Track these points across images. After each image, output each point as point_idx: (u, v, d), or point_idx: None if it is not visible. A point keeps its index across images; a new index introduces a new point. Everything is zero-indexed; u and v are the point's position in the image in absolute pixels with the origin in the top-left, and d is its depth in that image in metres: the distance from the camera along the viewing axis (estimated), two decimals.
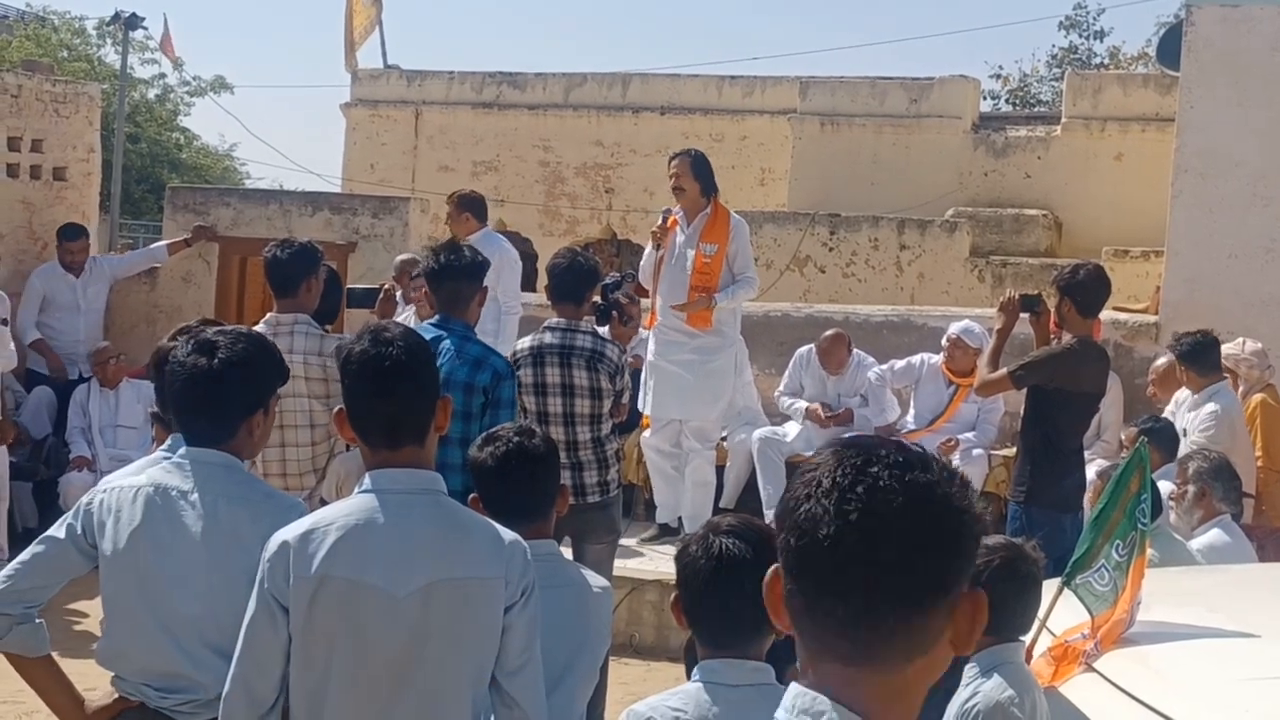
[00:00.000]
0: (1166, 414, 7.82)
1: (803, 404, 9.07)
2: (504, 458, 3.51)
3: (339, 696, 2.81)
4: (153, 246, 11.31)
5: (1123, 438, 7.40)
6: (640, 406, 8.25)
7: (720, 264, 7.94)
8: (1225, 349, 8.01)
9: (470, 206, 9.09)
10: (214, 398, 3.26)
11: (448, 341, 5.13)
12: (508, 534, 2.92)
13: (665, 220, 8.08)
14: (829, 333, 9.14)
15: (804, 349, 9.26)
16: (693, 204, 7.99)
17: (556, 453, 3.71)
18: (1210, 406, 7.32)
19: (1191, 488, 6.03)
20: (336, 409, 3.00)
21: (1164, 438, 6.95)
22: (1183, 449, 7.00)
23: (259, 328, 5.52)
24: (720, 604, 2.73)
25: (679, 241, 8.02)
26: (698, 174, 7.95)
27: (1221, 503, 6.07)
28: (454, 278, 5.32)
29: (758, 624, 2.74)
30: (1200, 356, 7.43)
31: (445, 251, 5.37)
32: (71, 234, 10.38)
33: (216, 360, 3.25)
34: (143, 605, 3.17)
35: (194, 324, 3.59)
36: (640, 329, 8.70)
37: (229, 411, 3.27)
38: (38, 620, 3.26)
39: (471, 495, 3.52)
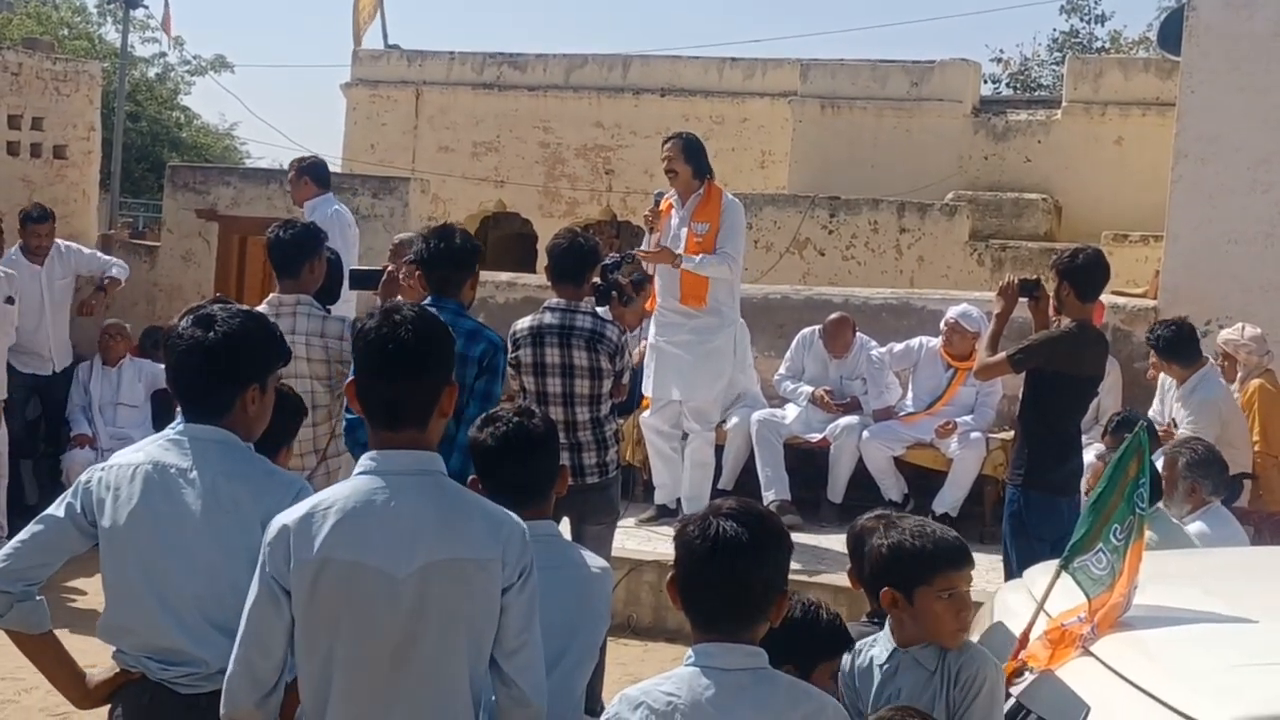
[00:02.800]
0: (1155, 405, 7.86)
1: (808, 389, 9.07)
2: (504, 438, 3.52)
3: (342, 677, 2.82)
4: (112, 267, 9.87)
5: (1104, 444, 7.41)
6: (642, 388, 8.26)
7: (712, 244, 7.94)
8: (1224, 334, 8.06)
9: (309, 171, 9.11)
10: (209, 369, 3.26)
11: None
12: (506, 515, 2.93)
13: (657, 204, 8.09)
14: (834, 315, 9.14)
15: (807, 330, 9.27)
16: (686, 186, 8.00)
17: (556, 434, 3.72)
18: (1197, 396, 7.37)
19: (1182, 484, 6.05)
20: (348, 380, 3.01)
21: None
22: (1179, 435, 7.06)
23: (261, 309, 5.54)
24: (716, 587, 2.73)
25: (673, 224, 8.04)
26: (689, 157, 7.96)
27: (1212, 495, 6.09)
28: (444, 264, 5.34)
29: (752, 609, 2.74)
30: (1179, 349, 7.48)
31: (436, 238, 5.39)
32: (40, 216, 9.39)
33: (212, 333, 3.26)
34: (143, 582, 3.18)
35: (205, 303, 3.61)
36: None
37: (223, 383, 3.27)
38: (38, 597, 3.26)
39: (471, 476, 3.53)
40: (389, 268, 6.53)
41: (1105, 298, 7.05)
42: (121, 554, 3.21)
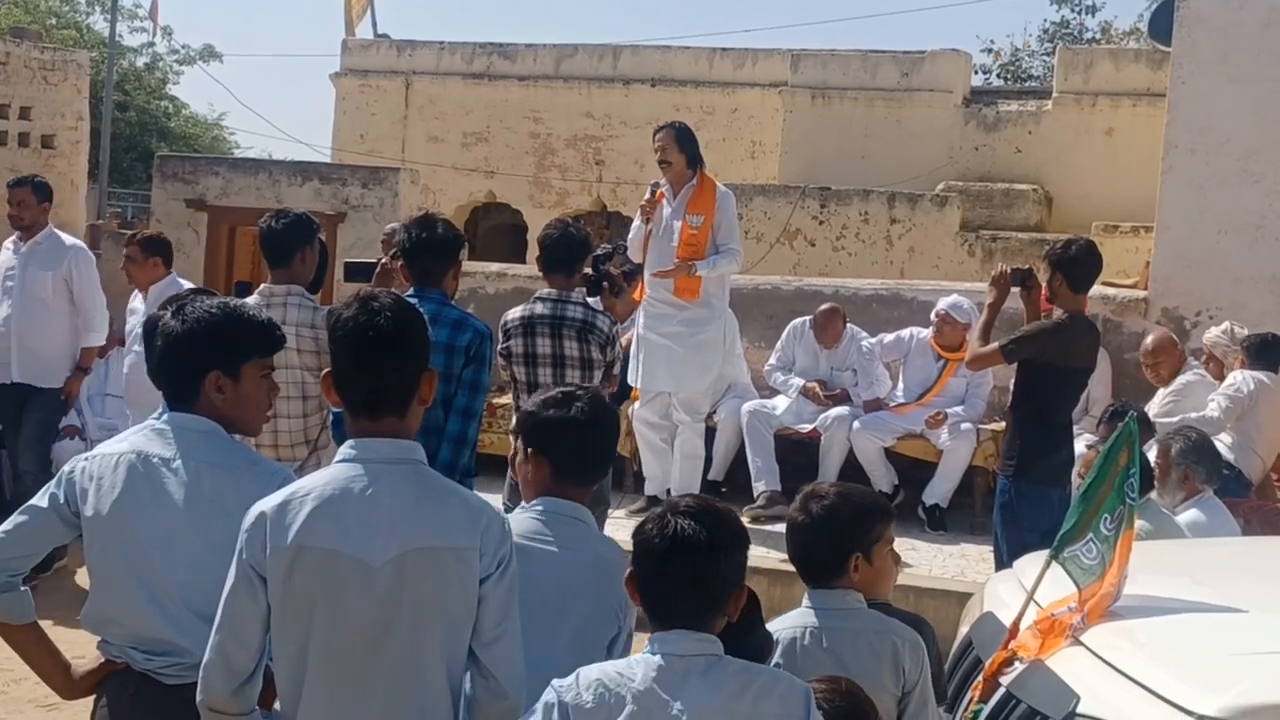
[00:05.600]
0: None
1: (798, 381, 9.06)
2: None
3: (317, 665, 2.82)
4: (92, 333, 8.06)
5: (1096, 432, 7.49)
6: (630, 380, 8.25)
7: (707, 235, 7.92)
8: (1209, 334, 8.10)
9: (158, 250, 7.90)
10: (175, 354, 3.28)
11: (423, 309, 5.13)
12: (485, 505, 2.92)
13: (653, 194, 8.06)
14: (825, 306, 9.13)
15: (798, 321, 9.26)
16: (679, 176, 7.97)
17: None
18: (1234, 379, 7.51)
19: (1175, 471, 6.06)
20: (324, 372, 2.99)
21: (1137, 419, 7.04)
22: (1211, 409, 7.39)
23: (252, 299, 5.52)
24: (673, 584, 2.74)
25: (665, 214, 8.00)
26: (683, 146, 7.92)
27: (1204, 484, 6.10)
28: (426, 254, 5.33)
29: (707, 604, 2.75)
30: (1259, 354, 7.72)
31: (417, 228, 5.38)
32: (16, 181, 8.03)
33: (175, 321, 3.29)
34: (128, 572, 3.17)
35: (185, 292, 3.60)
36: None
37: (186, 368, 3.27)
38: (22, 588, 3.26)
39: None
40: (383, 260, 6.51)
41: (1095, 289, 7.06)
42: (105, 543, 3.21)
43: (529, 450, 3.41)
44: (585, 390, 3.49)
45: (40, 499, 3.28)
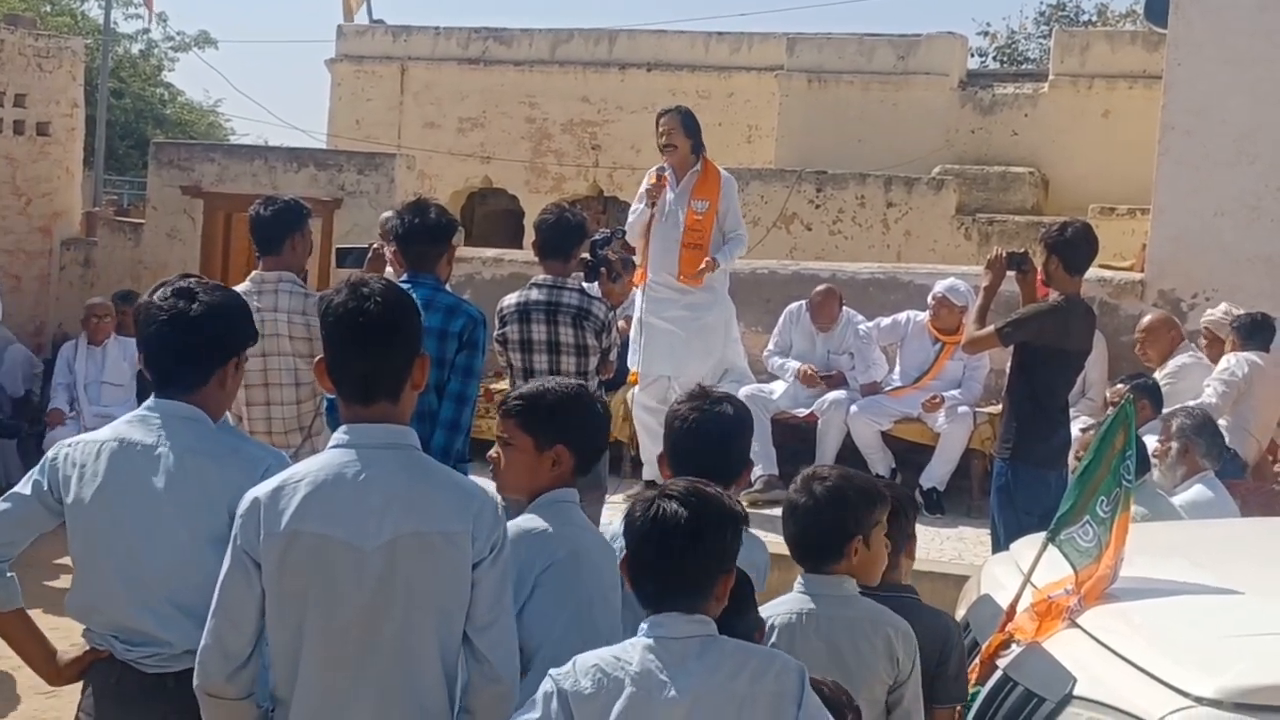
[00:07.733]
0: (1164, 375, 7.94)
1: (795, 364, 9.06)
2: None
3: (312, 650, 2.83)
4: None
5: (1108, 395, 7.49)
6: (630, 364, 8.25)
7: (711, 221, 7.92)
8: (1208, 315, 8.10)
9: None
10: (191, 342, 3.24)
11: (417, 294, 5.13)
12: (478, 489, 2.93)
13: (660, 178, 8.04)
14: (821, 288, 9.13)
15: (794, 305, 9.26)
16: (682, 161, 7.95)
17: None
18: (1228, 362, 7.52)
19: (1175, 445, 6.07)
20: (317, 359, 2.99)
21: (1151, 393, 7.03)
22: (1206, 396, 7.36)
23: (243, 286, 5.50)
24: (658, 566, 2.74)
25: (669, 199, 7.98)
26: (688, 131, 7.91)
27: (1204, 459, 6.11)
28: (419, 239, 5.32)
29: (696, 587, 2.74)
30: (1250, 333, 7.76)
31: (411, 213, 5.37)
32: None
33: (196, 304, 3.25)
34: (109, 561, 3.16)
35: (174, 279, 3.56)
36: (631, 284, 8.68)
37: (204, 357, 3.25)
38: (8, 575, 3.25)
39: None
40: (376, 245, 6.50)
41: (1092, 271, 7.06)
42: (87, 531, 3.20)
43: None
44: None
45: (24, 486, 3.27)
